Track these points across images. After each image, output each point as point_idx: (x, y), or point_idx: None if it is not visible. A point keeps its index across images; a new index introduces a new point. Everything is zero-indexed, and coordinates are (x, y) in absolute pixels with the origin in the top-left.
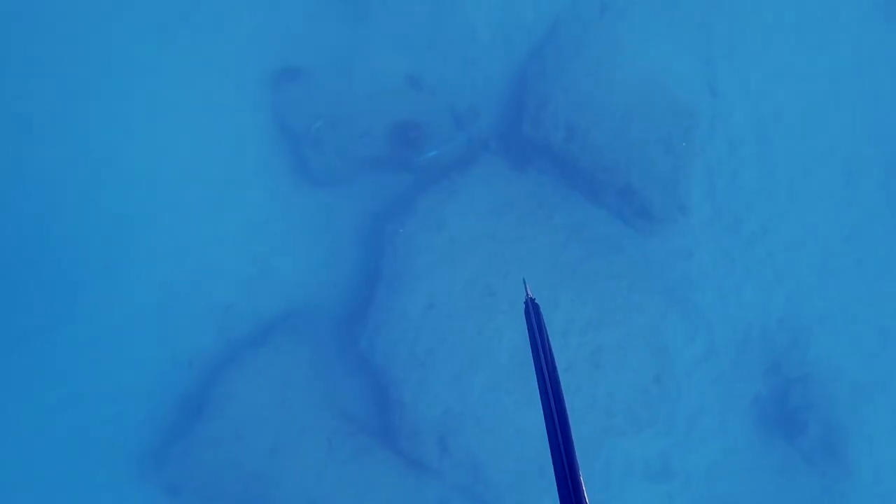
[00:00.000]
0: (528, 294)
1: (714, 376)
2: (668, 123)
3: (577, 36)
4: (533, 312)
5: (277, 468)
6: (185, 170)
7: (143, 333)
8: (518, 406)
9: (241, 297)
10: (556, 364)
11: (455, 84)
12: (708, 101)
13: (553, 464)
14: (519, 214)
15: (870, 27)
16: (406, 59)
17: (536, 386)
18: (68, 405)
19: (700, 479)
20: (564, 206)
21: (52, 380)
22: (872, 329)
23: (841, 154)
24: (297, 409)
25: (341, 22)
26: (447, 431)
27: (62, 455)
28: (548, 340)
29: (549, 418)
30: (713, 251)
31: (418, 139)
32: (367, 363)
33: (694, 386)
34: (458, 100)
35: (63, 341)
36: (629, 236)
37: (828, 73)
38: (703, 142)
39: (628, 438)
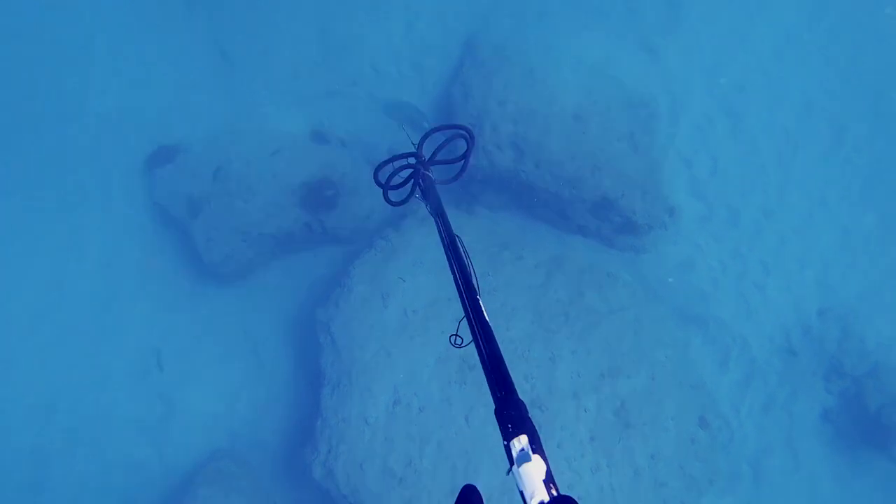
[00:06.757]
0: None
1: (766, 401)
2: (625, 117)
3: (499, 45)
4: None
5: None
6: (45, 303)
7: None
8: None
9: (147, 449)
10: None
11: (367, 129)
12: (660, 85)
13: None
14: (480, 262)
15: None
16: (304, 111)
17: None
18: None
19: None
20: (532, 240)
21: None
22: None
23: (820, 107)
24: None
25: (220, 85)
26: None
27: None
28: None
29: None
30: (718, 252)
31: (336, 198)
32: (328, 497)
33: (746, 419)
34: (375, 145)
35: None
36: (618, 259)
37: (781, 25)
38: (669, 130)
39: None
